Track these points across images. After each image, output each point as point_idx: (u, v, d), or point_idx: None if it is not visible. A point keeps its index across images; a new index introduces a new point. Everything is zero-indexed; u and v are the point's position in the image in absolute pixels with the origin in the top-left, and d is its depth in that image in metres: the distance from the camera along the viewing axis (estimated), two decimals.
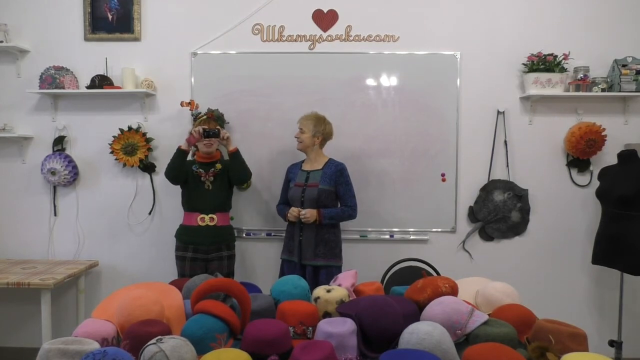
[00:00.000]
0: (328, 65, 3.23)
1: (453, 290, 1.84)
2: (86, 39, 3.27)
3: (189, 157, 2.96)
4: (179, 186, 2.98)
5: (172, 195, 3.26)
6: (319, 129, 2.83)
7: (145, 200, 3.33)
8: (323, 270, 2.78)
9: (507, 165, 3.26)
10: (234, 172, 2.92)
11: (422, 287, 1.84)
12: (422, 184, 3.25)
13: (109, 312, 1.77)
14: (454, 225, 3.28)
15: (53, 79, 3.20)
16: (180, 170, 2.87)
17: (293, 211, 2.77)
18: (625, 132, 3.22)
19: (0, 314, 3.40)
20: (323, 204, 2.80)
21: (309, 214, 2.74)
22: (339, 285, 2.00)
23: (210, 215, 2.87)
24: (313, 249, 2.78)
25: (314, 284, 2.61)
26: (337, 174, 2.84)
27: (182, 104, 3.13)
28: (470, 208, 3.28)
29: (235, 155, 2.91)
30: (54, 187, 3.33)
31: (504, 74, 3.23)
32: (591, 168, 3.23)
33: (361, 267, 3.03)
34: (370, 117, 3.24)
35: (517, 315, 1.75)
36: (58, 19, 3.27)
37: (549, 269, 3.29)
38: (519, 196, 3.23)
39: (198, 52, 3.26)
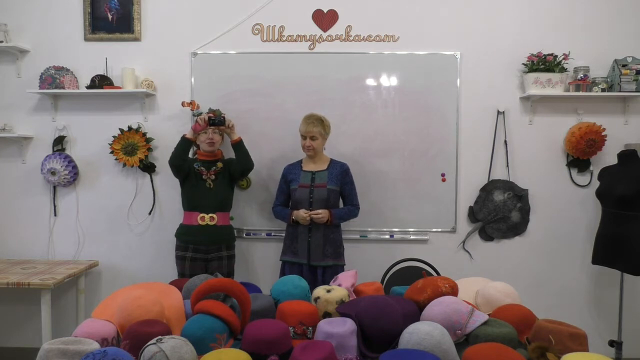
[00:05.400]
0: (328, 65, 3.23)
1: (453, 290, 1.84)
2: (86, 39, 3.27)
3: (190, 155, 2.97)
4: (179, 186, 2.97)
5: (172, 195, 3.27)
6: (327, 130, 2.85)
7: (145, 200, 3.32)
8: (330, 270, 2.78)
9: (507, 165, 3.26)
10: (239, 162, 2.93)
11: (422, 287, 1.84)
12: (422, 184, 3.25)
13: (109, 312, 1.77)
14: (454, 225, 3.28)
15: (53, 79, 3.20)
16: (184, 159, 2.87)
17: (304, 213, 2.74)
18: (625, 132, 3.22)
19: (0, 314, 3.40)
20: (332, 204, 2.82)
21: (323, 213, 2.73)
22: (339, 285, 2.00)
23: (210, 215, 2.87)
24: (322, 250, 2.78)
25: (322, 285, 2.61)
26: (342, 173, 2.86)
27: (183, 104, 3.13)
28: (470, 208, 3.28)
29: (240, 145, 2.93)
30: (54, 187, 3.33)
31: (504, 74, 3.23)
32: (591, 168, 3.23)
33: (361, 267, 3.02)
34: (370, 117, 3.24)
35: (517, 315, 1.75)
36: (58, 19, 3.27)
37: (549, 269, 3.29)
38: (519, 196, 3.23)
39: (198, 52, 3.26)
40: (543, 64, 3.10)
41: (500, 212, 3.23)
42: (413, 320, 1.63)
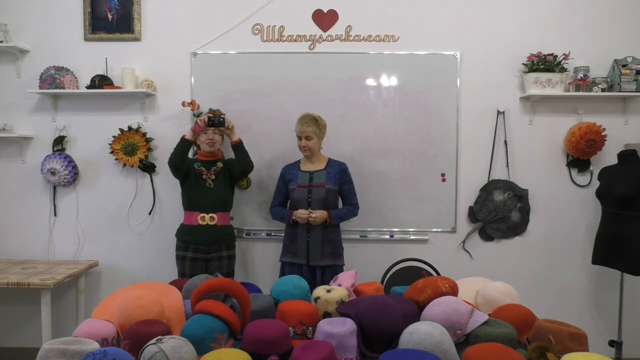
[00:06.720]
0: (328, 65, 3.23)
1: (453, 290, 1.84)
2: (86, 39, 3.27)
3: (190, 155, 2.97)
4: (179, 186, 2.98)
5: (172, 195, 3.27)
6: (322, 130, 2.85)
7: (145, 200, 3.32)
8: (329, 270, 2.78)
9: (507, 165, 3.26)
10: (238, 163, 2.93)
11: (422, 287, 1.85)
12: (422, 184, 3.25)
13: (109, 312, 1.77)
14: (454, 225, 3.28)
15: (53, 79, 3.20)
16: (183, 159, 2.87)
17: (302, 213, 2.74)
18: (625, 132, 3.22)
19: (0, 314, 3.40)
20: (330, 204, 2.81)
21: (318, 215, 2.73)
22: (339, 285, 2.00)
23: (210, 215, 2.87)
24: (320, 250, 2.78)
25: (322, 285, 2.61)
26: (341, 173, 2.86)
27: (183, 104, 3.13)
28: (470, 208, 3.28)
29: (239, 145, 2.94)
30: (54, 187, 3.33)
31: (504, 74, 3.23)
32: (591, 168, 3.23)
33: (361, 267, 3.02)
34: (370, 117, 3.24)
35: (517, 315, 1.75)
36: (58, 19, 3.27)
37: (549, 269, 3.29)
38: (519, 196, 3.23)
39: (198, 52, 3.26)
40: (543, 64, 3.10)
41: (500, 212, 3.23)
42: (413, 320, 1.64)
